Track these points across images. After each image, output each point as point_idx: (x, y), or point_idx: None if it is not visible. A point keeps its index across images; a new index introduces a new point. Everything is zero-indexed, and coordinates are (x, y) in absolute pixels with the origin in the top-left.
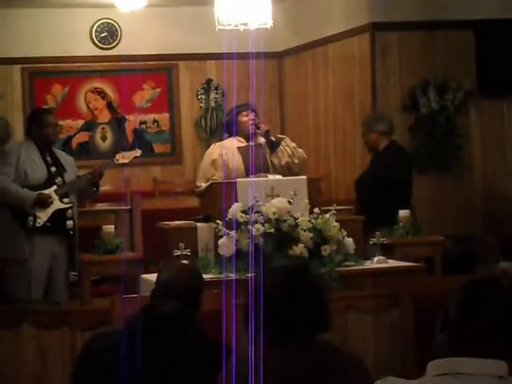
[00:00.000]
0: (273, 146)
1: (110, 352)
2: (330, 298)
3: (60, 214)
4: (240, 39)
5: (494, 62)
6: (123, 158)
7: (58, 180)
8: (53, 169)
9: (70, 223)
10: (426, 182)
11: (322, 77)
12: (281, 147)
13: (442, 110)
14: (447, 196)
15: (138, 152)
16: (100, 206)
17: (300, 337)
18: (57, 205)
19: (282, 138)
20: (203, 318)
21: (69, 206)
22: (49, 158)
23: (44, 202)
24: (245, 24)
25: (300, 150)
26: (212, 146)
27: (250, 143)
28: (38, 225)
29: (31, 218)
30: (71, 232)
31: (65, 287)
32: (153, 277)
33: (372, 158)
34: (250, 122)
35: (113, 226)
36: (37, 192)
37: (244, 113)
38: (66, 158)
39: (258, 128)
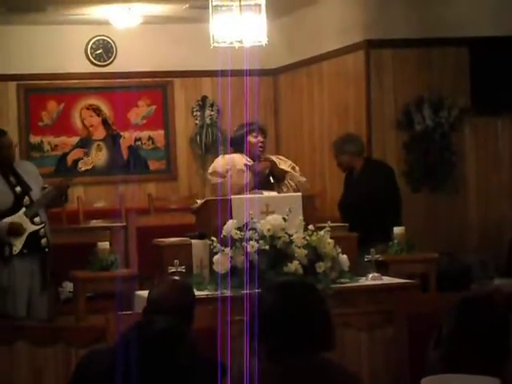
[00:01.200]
0: (276, 178)
1: (104, 369)
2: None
3: (34, 236)
4: (235, 56)
5: (488, 80)
6: (85, 164)
7: (26, 200)
8: (17, 189)
9: (44, 241)
10: (420, 200)
11: (317, 94)
12: (285, 181)
13: (436, 127)
14: (441, 213)
15: (98, 156)
16: (95, 223)
17: (302, 353)
18: (30, 228)
19: (286, 172)
20: (198, 334)
21: (41, 226)
22: (12, 179)
23: (17, 230)
24: (240, 41)
25: (303, 179)
26: (221, 158)
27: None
28: (14, 253)
29: (7, 248)
30: (46, 249)
31: (43, 304)
32: (147, 293)
33: (353, 179)
34: (259, 145)
35: (107, 243)
36: (8, 222)
37: (254, 134)
38: (28, 171)
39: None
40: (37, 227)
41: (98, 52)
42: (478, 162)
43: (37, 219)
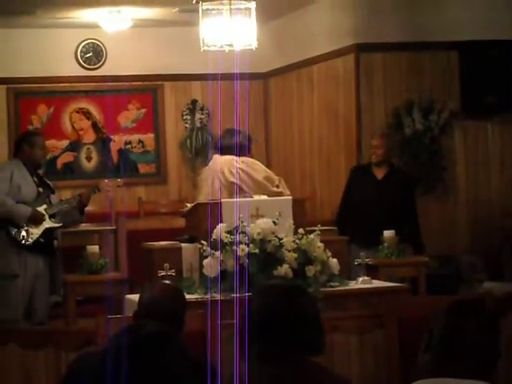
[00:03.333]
0: None
1: (94, 372)
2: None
3: (49, 234)
4: (225, 60)
5: (478, 83)
6: (107, 186)
7: (46, 201)
8: (40, 189)
9: (56, 243)
10: None
11: (307, 97)
12: None
13: (426, 130)
14: (432, 217)
15: (120, 183)
16: (84, 226)
17: (290, 357)
18: (48, 223)
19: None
20: (188, 338)
21: (59, 225)
22: (35, 179)
23: (38, 219)
24: (230, 45)
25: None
26: (256, 161)
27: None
28: (30, 240)
29: (24, 234)
30: (57, 252)
31: (46, 307)
32: (137, 297)
33: (375, 180)
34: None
35: (97, 247)
36: (31, 209)
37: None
38: (49, 182)
39: None
40: (55, 225)
41: (88, 55)
42: (468, 165)
43: (54, 220)
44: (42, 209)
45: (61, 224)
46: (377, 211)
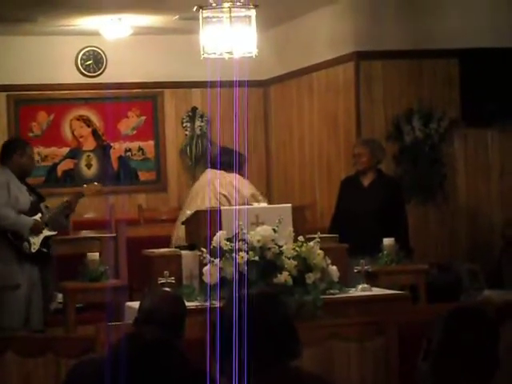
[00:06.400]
0: None
1: (93, 379)
2: (312, 325)
3: (46, 242)
4: (225, 68)
5: (478, 91)
6: (89, 191)
7: (39, 209)
8: (31, 198)
9: (51, 250)
10: (410, 211)
11: (307, 105)
12: None
13: (426, 138)
14: (431, 224)
15: (98, 187)
16: (85, 234)
17: (268, 364)
18: (45, 232)
19: None
20: (188, 345)
21: (55, 233)
22: (25, 187)
23: (39, 229)
24: (230, 53)
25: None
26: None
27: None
28: (33, 250)
29: (26, 244)
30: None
31: (41, 315)
32: (137, 304)
33: (362, 188)
34: None
35: (97, 254)
36: (33, 219)
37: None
38: (38, 190)
39: None
40: (52, 233)
41: (89, 63)
42: (468, 173)
43: (47, 228)
44: (37, 217)
45: (56, 232)
46: (364, 218)
